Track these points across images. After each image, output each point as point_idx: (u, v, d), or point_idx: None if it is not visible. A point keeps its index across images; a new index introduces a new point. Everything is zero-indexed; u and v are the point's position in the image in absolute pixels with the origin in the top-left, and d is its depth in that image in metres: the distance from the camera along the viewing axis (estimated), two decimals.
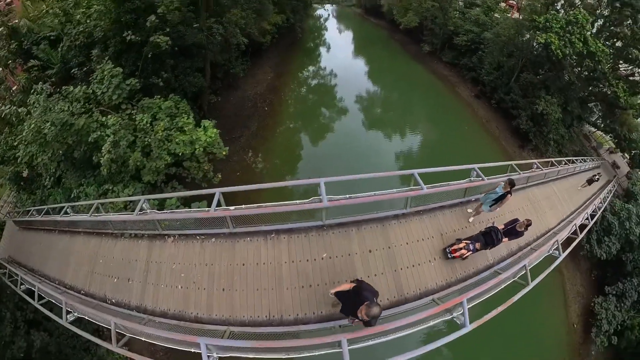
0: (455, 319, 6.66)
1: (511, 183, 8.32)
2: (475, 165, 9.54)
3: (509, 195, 8.31)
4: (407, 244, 8.19)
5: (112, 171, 12.99)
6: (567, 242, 12.32)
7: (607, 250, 22.96)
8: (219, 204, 7.26)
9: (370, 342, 6.15)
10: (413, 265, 7.93)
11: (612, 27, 29.73)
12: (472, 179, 9.58)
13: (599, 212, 18.90)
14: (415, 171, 8.22)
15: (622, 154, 35.07)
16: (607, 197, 22.13)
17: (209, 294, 7.25)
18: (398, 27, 50.72)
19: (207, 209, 7.27)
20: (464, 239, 7.88)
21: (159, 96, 14.84)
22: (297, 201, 7.64)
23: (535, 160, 15.42)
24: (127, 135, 12.86)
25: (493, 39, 36.68)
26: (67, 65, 17.86)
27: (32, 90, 14.32)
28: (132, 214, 8.35)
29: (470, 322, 6.39)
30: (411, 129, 35.32)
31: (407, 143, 32.79)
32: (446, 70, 45.14)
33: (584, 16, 27.21)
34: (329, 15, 70.11)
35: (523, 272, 8.44)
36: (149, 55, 16.52)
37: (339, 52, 51.29)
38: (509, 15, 40.80)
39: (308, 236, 7.82)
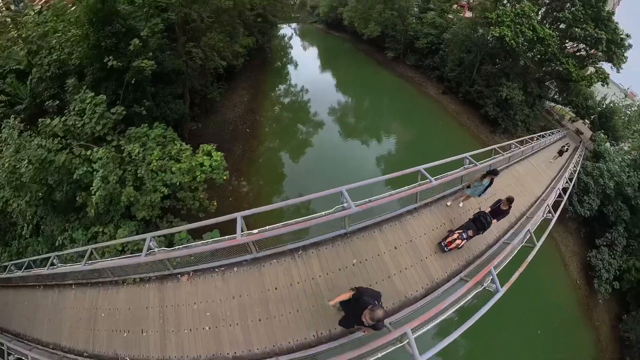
0: (487, 288, 7.01)
1: (493, 172, 8.87)
2: (467, 154, 10.38)
3: (494, 179, 8.88)
4: (425, 234, 8.46)
5: (100, 211, 11.56)
6: (555, 206, 13.51)
7: (589, 207, 24.78)
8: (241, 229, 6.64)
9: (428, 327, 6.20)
10: (435, 252, 8.19)
11: (555, 13, 32.65)
12: (465, 166, 10.28)
13: (575, 176, 21.27)
14: (421, 167, 8.88)
15: (582, 121, 38.32)
16: (579, 161, 24.88)
17: (244, 328, 6.53)
18: (361, 37, 51.88)
19: (232, 235, 6.61)
20: (456, 230, 8.09)
21: (145, 124, 13.60)
22: (323, 212, 7.35)
23: (513, 141, 17.14)
24: (116, 169, 11.47)
25: (452, 39, 38.55)
26: (38, 99, 16.32)
27: (2, 126, 12.86)
28: (138, 255, 7.32)
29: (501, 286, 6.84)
30: (387, 132, 35.74)
31: (385, 146, 33.04)
32: (412, 72, 46.50)
33: (529, 8, 29.90)
34: (292, 33, 70.87)
35: (528, 237, 9.22)
36: (132, 82, 15.29)
37: (307, 67, 51.81)
38: (462, 15, 42.72)
39: (335, 246, 7.56)
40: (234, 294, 6.96)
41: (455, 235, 7.95)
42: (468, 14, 42.60)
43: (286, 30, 70.55)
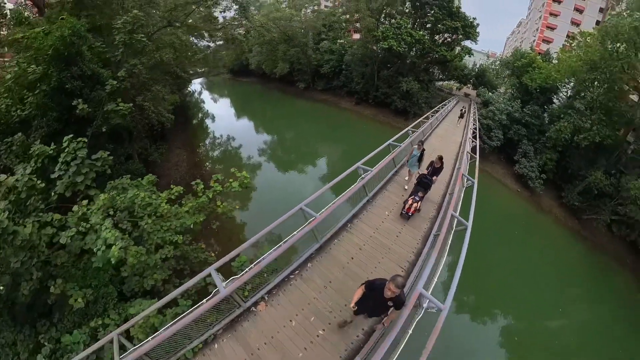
0: (457, 229, 7.68)
1: (420, 142, 10.32)
2: (390, 141, 11.75)
3: (424, 149, 10.12)
4: (389, 214, 8.90)
5: (89, 298, 8.17)
6: (474, 150, 16.16)
7: (497, 139, 31.36)
8: None
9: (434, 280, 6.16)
10: (404, 224, 8.57)
11: (420, 20, 40.61)
12: (392, 151, 11.44)
13: (477, 124, 26.86)
14: (359, 163, 9.41)
15: (466, 86, 49.13)
16: (476, 112, 31.49)
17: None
18: (270, 77, 53.09)
19: (215, 290, 5.28)
20: (409, 197, 8.68)
21: (128, 175, 10.30)
22: (295, 232, 6.71)
23: (421, 119, 21.04)
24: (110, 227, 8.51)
25: (352, 59, 43.51)
26: None
27: None
28: (209, 299, 5.19)
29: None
30: (320, 151, 36.08)
31: (323, 163, 33.19)
32: (324, 95, 49.18)
33: (404, 21, 37.59)
34: (201, 88, 68.38)
35: (467, 180, 10.70)
36: (103, 130, 12.22)
37: (227, 117, 50.16)
38: (351, 38, 47.56)
39: (319, 259, 7.16)
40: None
41: (410, 201, 8.47)
42: (356, 36, 47.43)
43: (194, 86, 68.24)
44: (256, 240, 6.41)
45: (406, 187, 10.40)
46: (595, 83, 26.23)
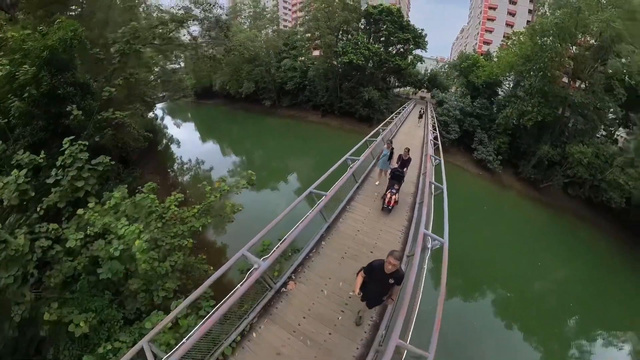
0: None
1: (389, 142, 10.96)
2: (346, 156, 11.02)
3: (393, 148, 10.53)
4: (369, 211, 8.99)
5: (92, 322, 6.93)
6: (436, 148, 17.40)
7: (455, 132, 34.33)
8: None
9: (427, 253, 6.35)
10: (386, 216, 8.72)
11: (374, 34, 42.90)
12: (350, 165, 10.84)
13: (435, 121, 29.06)
14: (311, 188, 8.42)
15: (421, 90, 53.17)
16: (433, 112, 34.28)
17: None
18: (235, 98, 52.47)
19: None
20: (386, 191, 8.90)
21: (125, 185, 9.24)
22: (308, 212, 6.93)
23: (384, 123, 21.80)
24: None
25: (315, 74, 44.94)
26: None
27: None
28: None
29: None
30: (291, 166, 35.87)
31: (294, 179, 32.99)
32: (290, 111, 49.58)
33: (361, 37, 40.26)
34: (162, 114, 64.47)
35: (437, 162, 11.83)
36: (96, 140, 11.16)
37: (194, 140, 48.60)
38: (311, 55, 49.12)
39: (330, 237, 7.52)
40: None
41: (388, 195, 8.69)
42: (316, 53, 49.07)
43: (155, 111, 64.39)
44: (272, 227, 6.31)
45: (377, 182, 10.68)
46: (531, 73, 29.72)
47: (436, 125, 26.35)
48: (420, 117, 27.54)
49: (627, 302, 17.15)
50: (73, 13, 14.59)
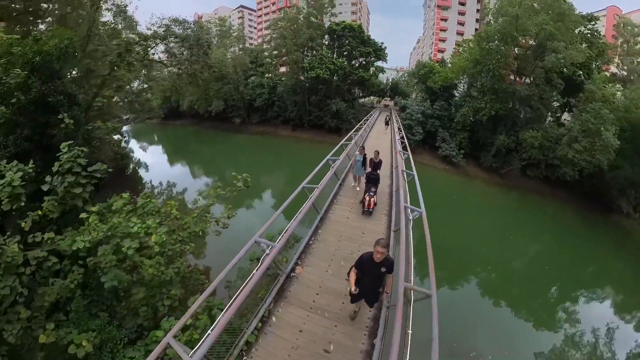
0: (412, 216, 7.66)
1: (361, 148, 11.33)
2: (328, 157, 11.57)
3: (366, 154, 10.63)
4: (351, 211, 9.18)
5: (94, 342, 6.49)
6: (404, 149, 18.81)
7: (419, 134, 36.73)
8: None
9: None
10: (367, 218, 8.74)
11: (338, 49, 45.21)
12: (332, 165, 11.12)
13: (400, 125, 31.09)
14: (304, 183, 8.84)
15: (384, 98, 56.83)
16: (398, 118, 35.64)
17: None
18: (203, 117, 51.63)
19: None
20: (364, 195, 9.08)
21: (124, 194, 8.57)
22: (303, 205, 7.23)
23: (352, 131, 22.23)
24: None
25: (284, 90, 45.95)
26: None
27: None
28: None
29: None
30: (263, 182, 35.26)
31: (268, 194, 32.59)
32: (260, 127, 49.65)
33: (326, 52, 42.37)
34: (127, 137, 60.90)
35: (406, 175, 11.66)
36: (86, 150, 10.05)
37: (161, 164, 46.55)
38: (278, 71, 50.30)
39: (325, 226, 8.12)
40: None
41: (367, 198, 8.84)
42: (282, 69, 50.19)
43: (116, 136, 60.64)
44: (276, 217, 6.60)
45: (358, 189, 10.67)
46: (482, 74, 33.21)
47: (401, 128, 28.13)
48: (387, 123, 28.86)
49: (592, 258, 19.94)
50: (43, 27, 14.10)
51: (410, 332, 4.16)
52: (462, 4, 73.50)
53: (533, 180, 31.93)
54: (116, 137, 51.60)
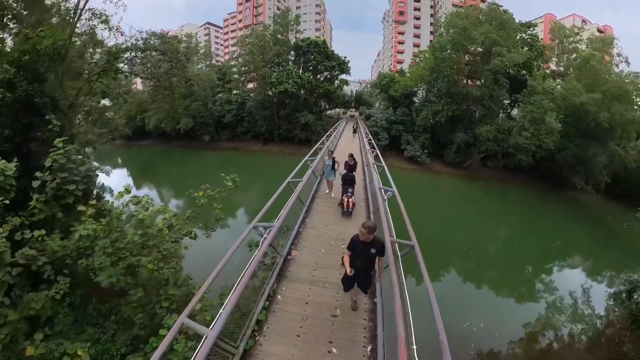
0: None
1: (329, 152, 11.80)
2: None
3: (334, 157, 10.96)
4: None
5: (90, 352, 6.16)
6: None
7: (385, 139, 38.77)
8: None
9: None
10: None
11: (304, 64, 47.10)
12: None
13: (367, 131, 32.98)
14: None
15: (350, 109, 59.99)
16: (365, 126, 37.98)
17: None
18: (171, 136, 49.96)
19: None
20: (342, 197, 9.10)
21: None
22: (290, 198, 7.54)
23: (327, 134, 24.56)
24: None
25: (253, 104, 46.80)
26: None
27: None
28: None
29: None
30: (234, 200, 34.96)
31: (242, 212, 32.18)
32: (231, 143, 49.19)
33: (293, 67, 44.20)
34: (90, 159, 56.65)
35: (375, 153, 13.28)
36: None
37: (131, 188, 44.16)
38: (245, 87, 50.72)
39: (311, 216, 8.87)
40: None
41: (345, 199, 8.93)
42: (250, 85, 50.68)
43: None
44: (269, 206, 6.93)
45: (332, 195, 10.62)
46: (438, 80, 36.65)
47: (368, 133, 29.84)
48: (355, 131, 30.23)
49: (557, 231, 22.68)
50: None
51: (405, 283, 4.58)
52: (417, 19, 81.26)
53: (493, 170, 35.66)
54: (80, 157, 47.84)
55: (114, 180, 46.54)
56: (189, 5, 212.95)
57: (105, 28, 15.42)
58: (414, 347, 3.35)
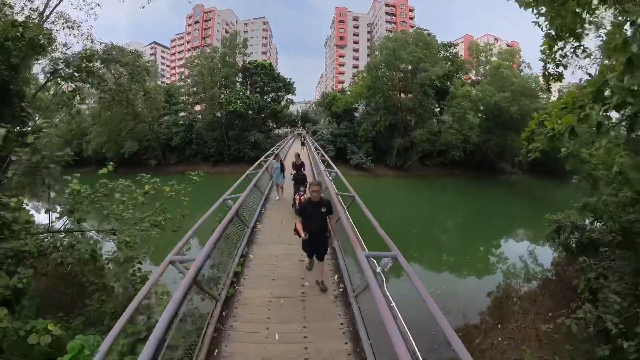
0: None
1: (276, 156, 12.05)
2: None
3: (282, 161, 11.22)
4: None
5: None
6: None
7: (331, 150, 40.65)
8: None
9: None
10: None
11: (252, 85, 49.24)
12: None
13: (317, 145, 32.90)
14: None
15: (298, 127, 60.62)
16: (312, 140, 38.30)
17: None
18: (113, 162, 46.41)
19: None
20: (294, 195, 8.96)
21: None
22: (248, 186, 8.21)
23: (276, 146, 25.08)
24: None
25: (202, 126, 46.43)
26: None
27: None
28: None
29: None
30: (185, 226, 34.46)
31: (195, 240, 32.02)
32: (179, 167, 46.59)
33: (241, 88, 46.49)
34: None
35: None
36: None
37: (60, 223, 39.93)
38: (194, 109, 50.82)
39: (270, 203, 10.42)
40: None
41: (297, 197, 8.73)
42: (197, 107, 50.00)
43: None
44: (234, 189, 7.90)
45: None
46: (375, 96, 41.67)
47: (317, 146, 31.39)
48: (303, 144, 32.40)
49: (497, 211, 26.74)
50: None
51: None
52: (356, 42, 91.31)
53: (432, 168, 41.34)
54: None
55: (46, 215, 41.61)
56: (134, 24, 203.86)
57: (71, 34, 14.90)
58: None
